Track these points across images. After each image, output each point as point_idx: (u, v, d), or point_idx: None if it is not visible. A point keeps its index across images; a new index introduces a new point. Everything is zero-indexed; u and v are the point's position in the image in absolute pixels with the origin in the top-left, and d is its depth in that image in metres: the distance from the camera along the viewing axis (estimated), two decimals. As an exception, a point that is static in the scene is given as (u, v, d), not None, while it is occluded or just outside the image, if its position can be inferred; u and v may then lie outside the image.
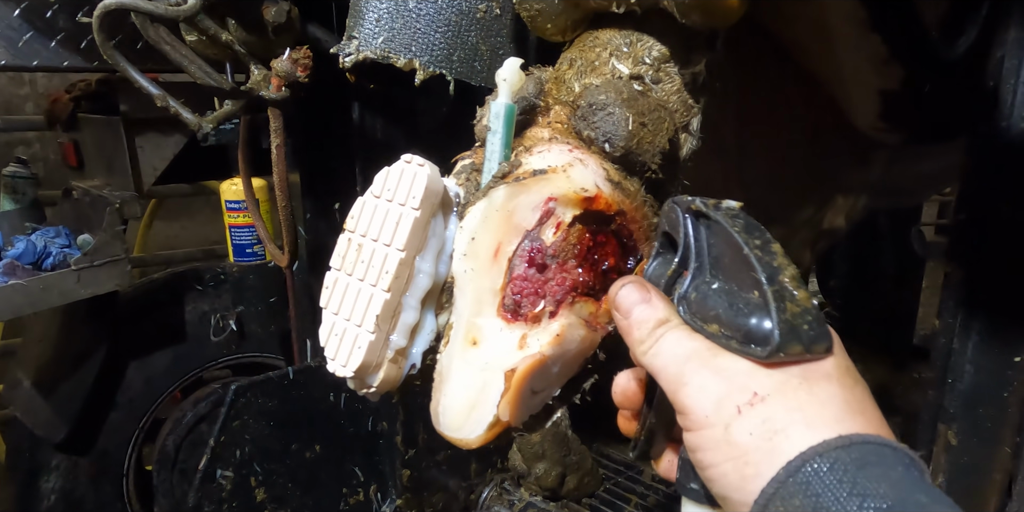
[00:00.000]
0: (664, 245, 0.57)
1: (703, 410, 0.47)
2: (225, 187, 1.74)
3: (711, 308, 0.50)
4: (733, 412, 0.46)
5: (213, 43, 1.19)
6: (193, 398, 2.10)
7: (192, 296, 2.04)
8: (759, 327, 0.47)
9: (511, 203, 0.66)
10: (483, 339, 0.68)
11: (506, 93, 0.70)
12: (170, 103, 1.05)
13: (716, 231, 0.52)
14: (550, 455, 1.70)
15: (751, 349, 0.47)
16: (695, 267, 0.53)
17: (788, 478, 0.42)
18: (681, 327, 0.52)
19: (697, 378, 0.48)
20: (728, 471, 0.45)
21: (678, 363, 0.49)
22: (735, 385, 0.47)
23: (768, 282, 0.47)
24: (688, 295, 0.53)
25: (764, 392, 0.45)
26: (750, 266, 0.48)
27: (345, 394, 1.76)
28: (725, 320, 0.49)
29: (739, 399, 0.46)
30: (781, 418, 0.44)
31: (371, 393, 0.75)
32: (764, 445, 0.44)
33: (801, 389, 0.45)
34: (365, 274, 0.72)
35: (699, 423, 0.47)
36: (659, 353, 0.51)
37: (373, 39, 0.95)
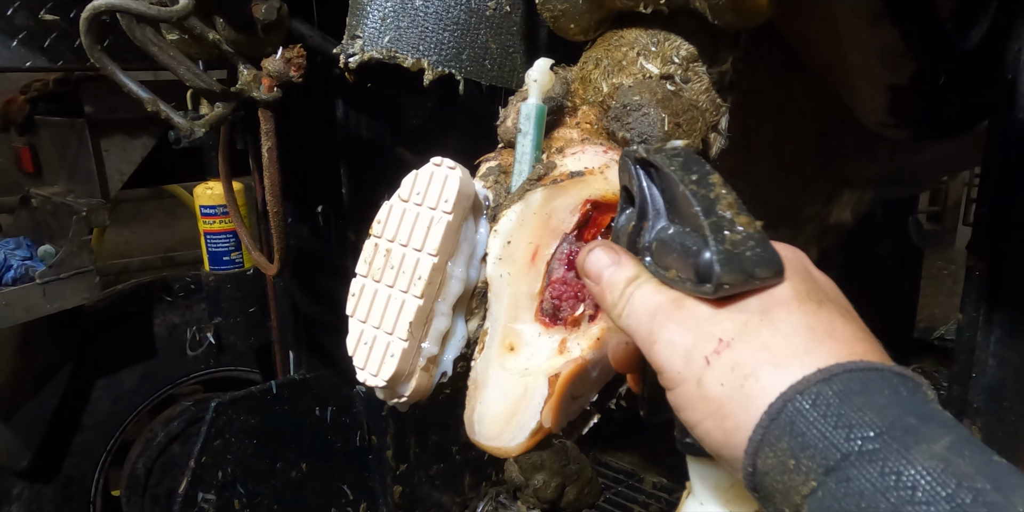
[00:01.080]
0: (625, 199, 0.58)
1: (674, 366, 0.48)
2: (199, 191, 1.73)
3: (668, 253, 0.51)
4: (702, 364, 0.46)
5: (197, 43, 1.20)
6: (164, 417, 2.09)
7: (161, 308, 2.02)
8: (706, 262, 0.47)
9: (549, 206, 0.68)
10: (521, 344, 0.71)
11: (536, 94, 0.73)
12: (161, 107, 1.05)
13: (662, 175, 0.53)
14: (549, 465, 1.73)
15: (702, 288, 0.48)
16: (652, 215, 0.54)
17: (771, 422, 0.43)
18: (649, 282, 0.52)
19: (664, 333, 0.49)
20: (710, 428, 0.46)
21: (647, 320, 0.50)
22: (700, 334, 0.47)
23: (704, 214, 0.48)
24: (650, 245, 0.54)
25: (728, 337, 0.46)
26: (688, 202, 0.50)
27: (332, 408, 1.77)
28: (679, 263, 0.50)
29: (705, 349, 0.46)
30: (748, 362, 0.45)
31: (401, 403, 0.77)
32: (737, 394, 0.45)
33: (763, 325, 0.46)
34: (395, 280, 0.74)
35: (674, 380, 0.48)
36: (631, 313, 0.52)
37: (379, 38, 0.97)
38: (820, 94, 1.17)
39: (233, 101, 1.16)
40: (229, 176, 1.50)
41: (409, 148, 1.63)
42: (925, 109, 1.07)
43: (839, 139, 1.21)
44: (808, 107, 1.18)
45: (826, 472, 0.41)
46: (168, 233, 3.93)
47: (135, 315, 2.00)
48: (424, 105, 1.64)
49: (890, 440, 0.40)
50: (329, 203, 1.65)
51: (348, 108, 1.57)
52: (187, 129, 1.08)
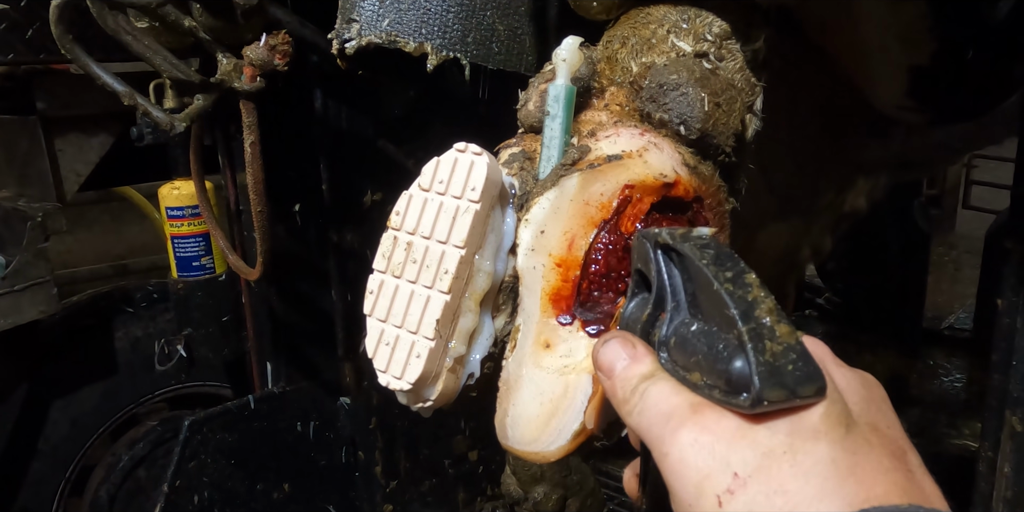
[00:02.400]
0: (639, 284, 0.56)
1: (686, 494, 0.47)
2: (165, 192, 1.70)
3: (692, 354, 0.49)
4: (713, 504, 0.45)
5: (171, 31, 1.18)
6: (127, 439, 2.05)
7: (122, 320, 1.98)
8: (741, 372, 0.46)
9: (586, 192, 0.68)
10: (558, 341, 0.71)
11: (565, 74, 0.73)
12: (139, 101, 1.03)
13: (688, 265, 0.51)
14: (550, 477, 1.73)
15: (735, 400, 0.46)
16: (672, 307, 0.52)
17: None
18: (665, 380, 0.51)
19: (677, 446, 0.47)
20: None
21: (660, 424, 0.49)
22: (716, 460, 0.46)
23: (743, 320, 0.46)
24: (668, 340, 0.52)
25: (745, 472, 0.45)
26: (723, 303, 0.47)
27: (314, 423, 1.75)
28: (706, 367, 0.48)
29: (718, 485, 0.45)
30: (762, 508, 0.44)
31: (426, 408, 0.76)
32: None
33: (784, 460, 0.45)
34: (418, 275, 0.73)
35: (685, 509, 0.47)
36: (643, 411, 0.50)
37: (377, 22, 0.96)
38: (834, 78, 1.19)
39: (213, 92, 1.14)
40: (201, 174, 1.48)
41: (392, 139, 1.62)
42: (947, 90, 1.10)
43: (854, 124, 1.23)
44: (822, 91, 1.20)
45: None
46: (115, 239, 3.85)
47: (93, 329, 1.96)
48: (406, 93, 1.63)
49: None
50: (307, 201, 1.63)
51: (326, 98, 1.55)
52: (167, 124, 1.06)
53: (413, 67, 1.03)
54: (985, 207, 4.58)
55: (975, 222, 4.66)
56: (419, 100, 1.63)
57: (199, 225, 1.72)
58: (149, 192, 2.62)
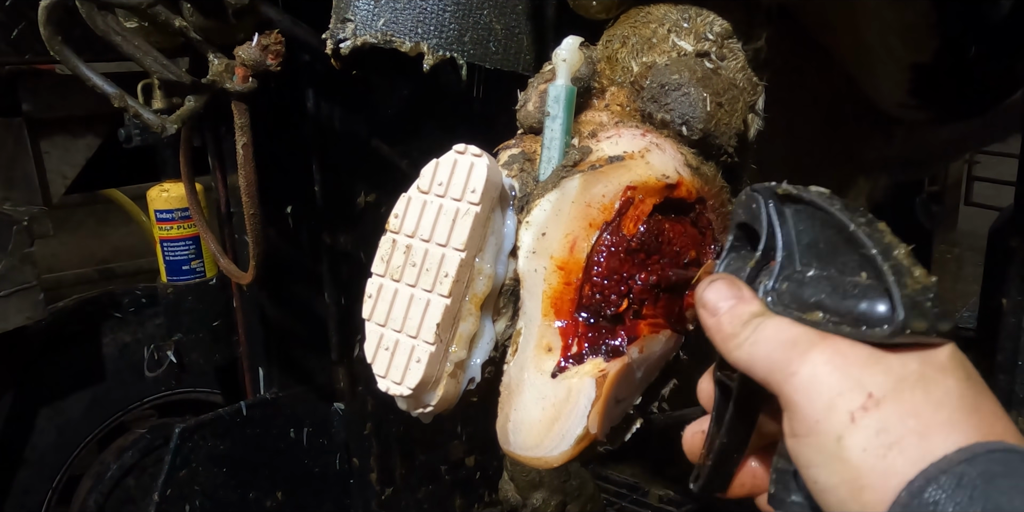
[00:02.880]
0: (739, 238, 0.58)
1: (813, 412, 0.48)
2: (154, 194, 1.70)
3: (810, 296, 0.51)
4: (846, 420, 0.47)
5: (160, 31, 1.18)
6: (116, 447, 2.04)
7: (110, 326, 1.98)
8: (873, 309, 0.48)
9: (588, 193, 0.69)
10: (560, 344, 0.71)
11: (565, 74, 0.73)
12: (129, 103, 1.03)
13: (807, 216, 0.53)
14: (548, 482, 1.73)
15: (869, 332, 0.48)
16: (783, 256, 0.54)
17: (912, 500, 0.44)
18: (781, 316, 0.52)
19: (807, 366, 0.48)
20: (844, 496, 0.47)
21: (783, 349, 0.50)
22: (849, 379, 0.47)
23: (883, 257, 0.49)
24: (778, 287, 0.54)
25: (880, 393, 0.47)
26: (859, 245, 0.50)
27: (308, 429, 1.75)
28: (830, 306, 0.50)
29: (852, 402, 0.47)
30: (895, 428, 0.46)
31: (426, 413, 0.77)
32: (879, 464, 0.45)
33: (917, 387, 0.47)
34: (417, 279, 0.74)
35: (808, 428, 0.48)
36: (758, 341, 0.51)
37: (373, 21, 0.96)
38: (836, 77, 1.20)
39: (205, 93, 1.14)
40: (191, 176, 1.48)
41: (386, 139, 1.63)
42: (949, 88, 1.11)
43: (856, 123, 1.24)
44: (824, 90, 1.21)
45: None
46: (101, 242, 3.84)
47: (81, 335, 1.96)
48: (400, 92, 1.63)
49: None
50: (300, 203, 1.63)
51: (319, 98, 1.56)
52: (158, 126, 1.06)
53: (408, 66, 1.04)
54: (988, 204, 4.59)
55: (977, 219, 4.67)
56: (413, 99, 1.64)
57: (189, 228, 1.72)
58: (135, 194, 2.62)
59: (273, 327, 1.71)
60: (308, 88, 1.54)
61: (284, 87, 1.50)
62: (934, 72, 1.07)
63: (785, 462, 0.53)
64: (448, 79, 1.10)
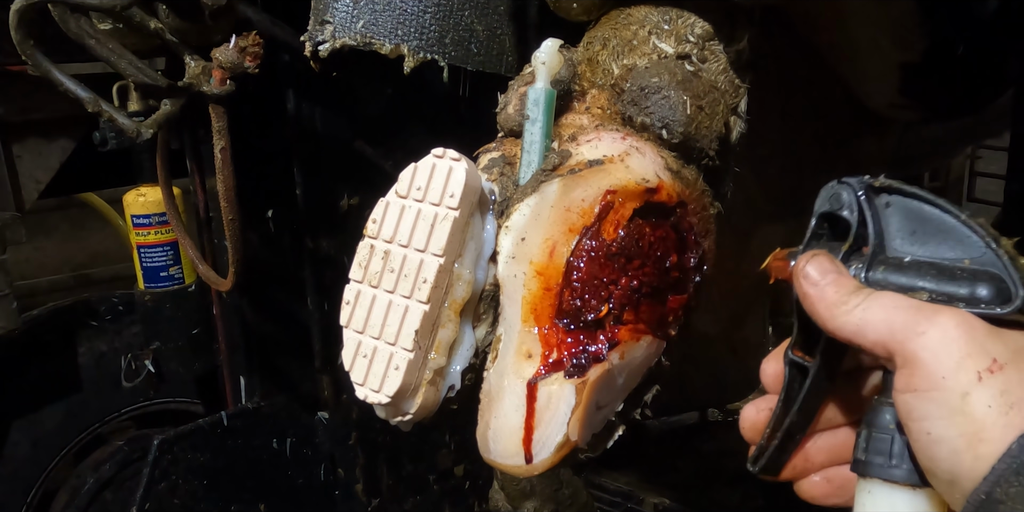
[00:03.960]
0: (821, 226, 0.64)
1: (941, 368, 0.52)
2: (130, 199, 1.71)
3: (912, 279, 0.57)
4: (973, 378, 0.52)
5: (135, 33, 1.19)
6: (92, 460, 2.05)
7: (86, 334, 1.99)
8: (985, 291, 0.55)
9: (567, 198, 0.71)
10: (540, 351, 0.73)
11: (545, 77, 0.75)
12: (103, 108, 1.05)
13: (900, 206, 0.60)
14: (540, 491, 1.75)
15: (983, 309, 0.54)
16: (875, 243, 0.60)
17: (1021, 451, 0.49)
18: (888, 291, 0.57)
19: (938, 327, 0.53)
20: (961, 448, 0.51)
21: (908, 312, 0.55)
22: (975, 343, 0.53)
23: (996, 243, 0.56)
24: (873, 271, 0.59)
25: (1003, 359, 0.52)
26: (964, 234, 0.57)
27: (291, 439, 1.76)
28: (935, 289, 0.56)
29: (980, 364, 0.52)
30: (1016, 390, 0.51)
31: (405, 422, 0.79)
32: (1001, 420, 0.50)
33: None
34: (396, 285, 0.76)
35: (932, 383, 0.52)
36: (871, 307, 0.56)
37: (352, 23, 0.98)
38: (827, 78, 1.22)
39: (181, 97, 1.16)
40: (168, 180, 1.49)
41: (368, 140, 1.64)
42: (939, 88, 1.13)
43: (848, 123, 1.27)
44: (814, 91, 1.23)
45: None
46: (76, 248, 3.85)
47: (55, 344, 1.96)
48: (382, 92, 1.65)
49: None
50: (281, 206, 1.64)
51: (299, 99, 1.57)
52: (134, 131, 1.08)
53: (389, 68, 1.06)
54: (991, 200, 4.61)
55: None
56: (396, 100, 1.65)
57: (167, 233, 1.73)
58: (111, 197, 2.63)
59: (254, 335, 1.73)
60: (288, 89, 1.56)
61: (263, 88, 1.51)
62: (924, 71, 1.10)
63: (877, 430, 0.58)
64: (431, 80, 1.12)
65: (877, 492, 0.58)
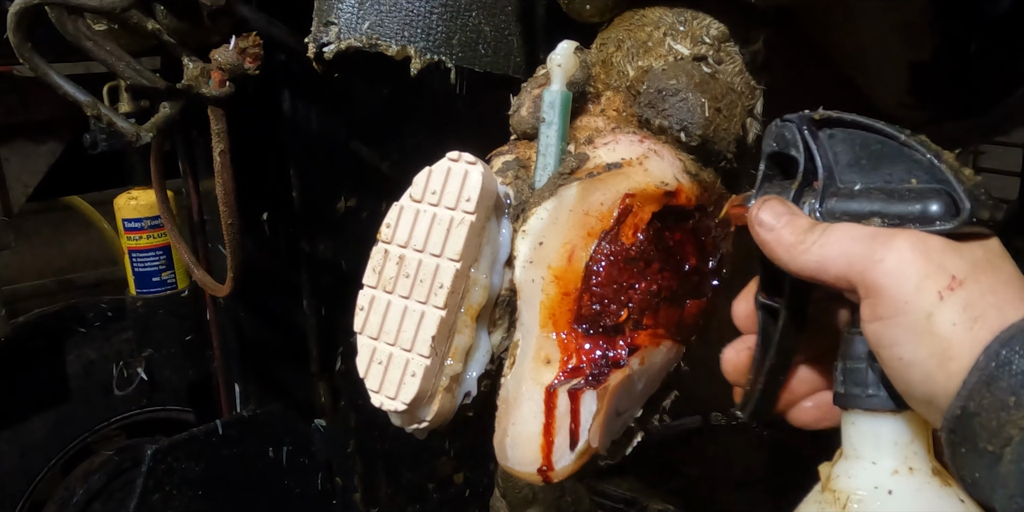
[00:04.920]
0: (771, 167, 0.65)
1: (902, 293, 0.54)
2: (121, 202, 1.71)
3: (863, 207, 0.58)
4: (934, 299, 0.53)
5: (131, 34, 1.20)
6: (82, 471, 2.04)
7: (74, 341, 1.98)
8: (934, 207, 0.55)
9: (586, 201, 0.72)
10: (559, 356, 0.74)
11: (560, 80, 0.76)
12: (102, 111, 1.05)
13: (843, 137, 0.61)
14: (542, 498, 1.76)
15: (936, 226, 0.55)
16: (825, 176, 0.60)
17: (989, 362, 0.51)
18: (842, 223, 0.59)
19: (894, 253, 0.54)
20: (931, 368, 0.53)
21: (863, 242, 0.56)
22: (933, 263, 0.54)
23: (938, 159, 0.57)
24: (826, 204, 0.60)
25: (961, 275, 0.53)
26: (907, 154, 0.58)
27: (287, 448, 1.77)
28: (887, 212, 0.57)
29: (940, 282, 0.53)
30: (978, 303, 0.53)
31: (421, 429, 0.79)
32: (967, 336, 0.52)
33: (988, 270, 0.54)
34: (411, 290, 0.76)
35: (896, 309, 0.54)
36: (828, 242, 0.57)
37: (357, 24, 0.99)
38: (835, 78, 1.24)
39: (180, 99, 1.16)
40: (163, 183, 1.49)
41: (366, 141, 1.65)
42: (949, 88, 1.15)
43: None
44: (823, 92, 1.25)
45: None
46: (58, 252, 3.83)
47: (43, 351, 1.96)
48: (380, 92, 1.66)
49: None
50: (277, 209, 1.65)
51: (295, 99, 1.58)
52: (133, 134, 1.08)
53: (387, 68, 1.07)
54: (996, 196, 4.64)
55: None
56: (394, 100, 1.66)
57: (159, 237, 1.73)
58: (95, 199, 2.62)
59: (249, 340, 1.73)
60: (284, 89, 1.56)
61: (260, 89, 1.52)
62: (933, 71, 1.11)
63: (852, 361, 0.60)
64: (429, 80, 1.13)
65: (860, 422, 0.59)
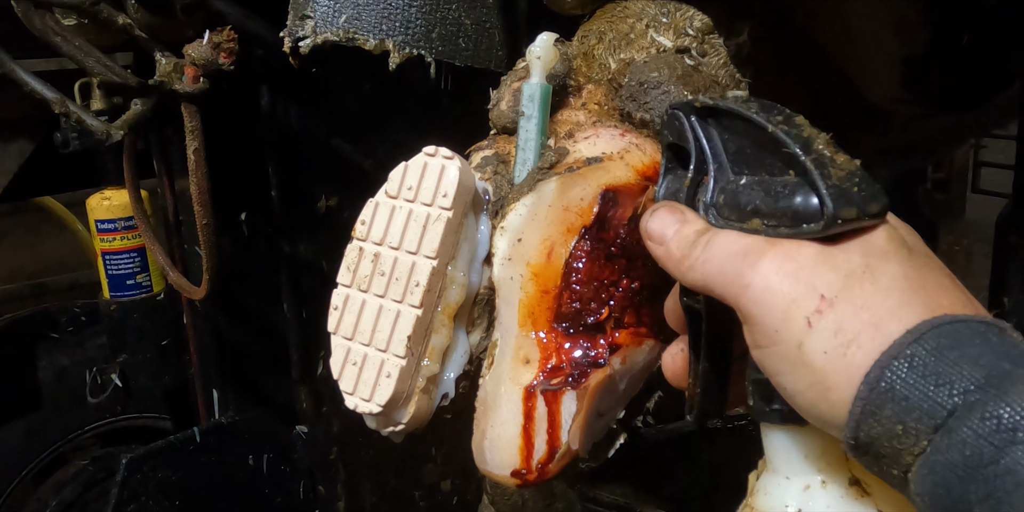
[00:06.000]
0: (671, 159, 0.63)
1: (772, 321, 0.52)
2: (94, 203, 1.71)
3: (747, 203, 0.56)
4: (803, 326, 0.51)
5: (101, 29, 1.20)
6: (54, 482, 2.03)
7: (46, 347, 1.97)
8: (806, 203, 0.52)
9: (565, 196, 0.72)
10: (539, 356, 0.74)
11: (540, 73, 0.77)
12: (71, 108, 1.05)
13: (729, 124, 0.58)
14: (532, 505, 1.76)
15: (805, 228, 0.53)
16: (715, 169, 0.58)
17: (870, 391, 0.49)
18: (725, 231, 0.57)
19: (759, 276, 0.53)
20: (814, 400, 0.52)
21: (735, 262, 0.54)
22: (801, 284, 0.52)
23: (804, 151, 0.53)
24: (716, 201, 0.58)
25: (831, 293, 0.51)
26: (779, 143, 0.54)
27: (268, 455, 1.76)
28: (766, 210, 0.54)
29: (807, 307, 0.51)
30: (851, 325, 0.51)
31: (397, 432, 0.80)
32: (841, 364, 0.50)
33: (865, 279, 0.52)
34: (387, 289, 0.77)
35: (768, 338, 0.53)
36: (708, 259, 0.56)
37: (334, 18, 0.99)
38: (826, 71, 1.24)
39: (152, 96, 1.16)
40: (136, 183, 1.49)
41: (347, 138, 1.65)
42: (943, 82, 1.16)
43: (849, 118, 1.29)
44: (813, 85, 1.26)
45: (935, 430, 0.47)
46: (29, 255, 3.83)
47: (13, 358, 1.95)
48: (361, 88, 1.66)
49: (988, 387, 0.46)
50: (255, 209, 1.65)
51: (273, 95, 1.57)
52: (103, 132, 1.08)
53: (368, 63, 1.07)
54: (996, 191, 4.60)
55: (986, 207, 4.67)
56: (376, 96, 1.66)
57: (133, 239, 1.73)
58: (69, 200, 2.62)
59: (228, 345, 1.73)
60: (262, 85, 1.56)
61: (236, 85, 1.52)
62: (926, 64, 1.12)
63: (756, 372, 0.58)
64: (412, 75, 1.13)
65: (772, 436, 0.59)
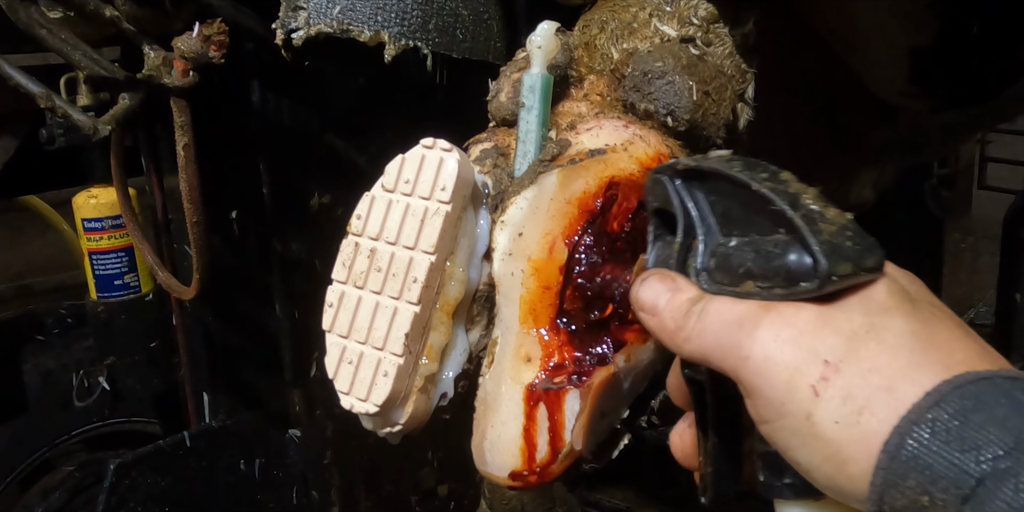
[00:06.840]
0: (659, 225, 0.62)
1: (776, 394, 0.50)
2: (81, 201, 1.70)
3: (738, 266, 0.54)
4: (809, 396, 0.49)
5: (88, 21, 1.19)
6: (40, 488, 2.02)
7: (31, 350, 1.96)
8: (799, 262, 0.51)
9: (567, 189, 0.72)
10: (540, 354, 0.74)
11: (541, 63, 0.76)
12: (56, 103, 1.05)
13: (714, 185, 0.57)
14: (531, 509, 1.76)
15: (801, 288, 0.51)
16: (703, 232, 0.57)
17: (891, 461, 0.46)
18: (720, 297, 0.55)
19: (758, 346, 0.51)
20: (831, 473, 0.49)
21: (731, 332, 0.52)
22: (802, 351, 0.50)
23: (792, 208, 0.52)
24: (707, 265, 0.57)
25: (835, 357, 0.49)
26: (766, 201, 0.53)
27: (260, 460, 1.75)
28: (758, 272, 0.53)
29: (811, 375, 0.49)
30: (861, 390, 0.48)
31: (394, 433, 0.79)
32: (855, 433, 0.48)
33: (870, 340, 0.50)
34: (383, 285, 0.76)
35: (775, 412, 0.50)
36: (704, 330, 0.54)
37: (328, 9, 0.98)
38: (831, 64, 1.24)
39: (140, 90, 1.16)
40: (124, 180, 1.49)
41: (340, 133, 1.64)
42: (951, 75, 1.15)
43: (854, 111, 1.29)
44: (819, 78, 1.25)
45: (963, 501, 0.44)
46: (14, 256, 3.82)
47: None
48: (355, 81, 1.65)
49: (1018, 452, 0.44)
50: (246, 206, 1.64)
51: (265, 89, 1.57)
52: (90, 127, 1.07)
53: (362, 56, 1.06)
54: (1003, 187, 4.59)
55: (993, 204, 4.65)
56: (370, 89, 1.65)
57: (121, 238, 1.72)
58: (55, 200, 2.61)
59: (218, 347, 1.72)
60: (253, 79, 1.55)
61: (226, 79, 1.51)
62: (935, 57, 1.12)
63: (764, 444, 0.55)
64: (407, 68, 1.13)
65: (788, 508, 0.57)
